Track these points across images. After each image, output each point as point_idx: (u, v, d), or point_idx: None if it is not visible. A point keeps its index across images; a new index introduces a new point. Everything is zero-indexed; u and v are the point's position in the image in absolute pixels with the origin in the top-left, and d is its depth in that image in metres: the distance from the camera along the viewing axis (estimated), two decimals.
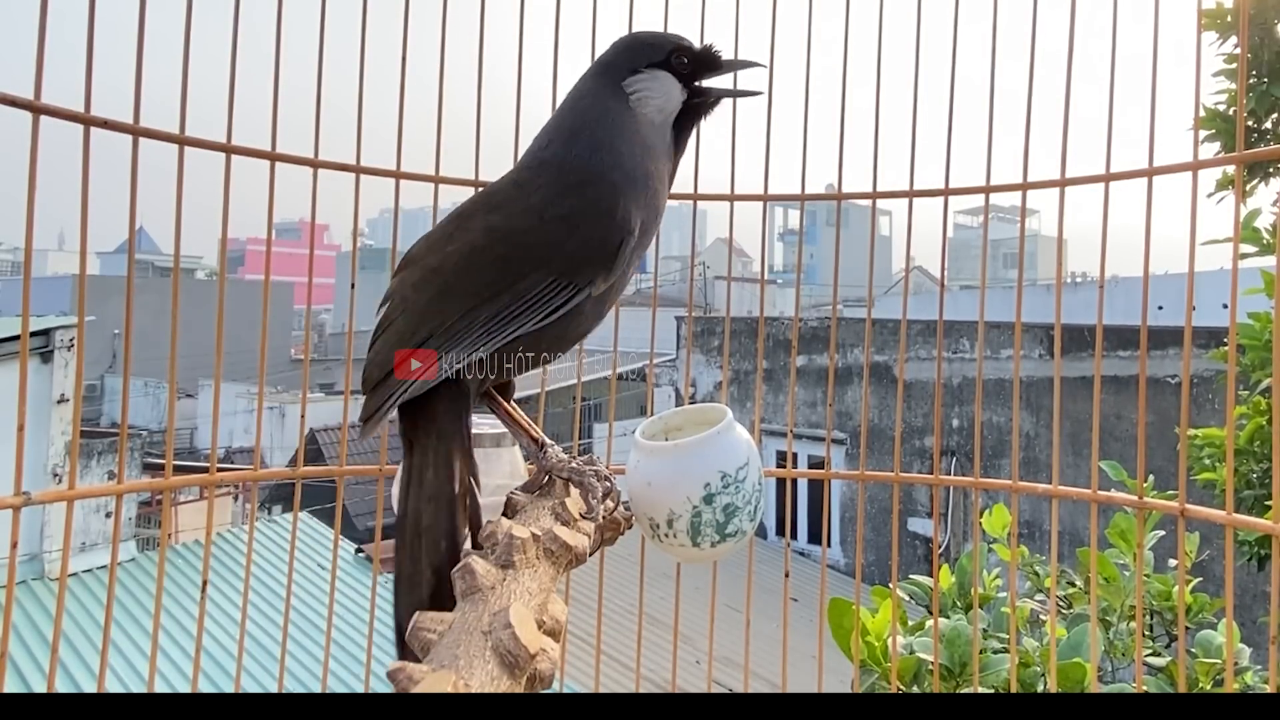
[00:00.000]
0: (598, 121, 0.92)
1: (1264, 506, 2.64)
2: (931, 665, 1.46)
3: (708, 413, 1.01)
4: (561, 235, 0.85)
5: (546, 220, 0.86)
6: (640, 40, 0.97)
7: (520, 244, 0.84)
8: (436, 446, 0.79)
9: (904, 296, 1.38)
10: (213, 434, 1.21)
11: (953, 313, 10.35)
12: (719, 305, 15.22)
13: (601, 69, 0.96)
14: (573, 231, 0.85)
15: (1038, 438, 7.78)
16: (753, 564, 1.29)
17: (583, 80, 0.97)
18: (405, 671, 0.52)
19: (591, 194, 0.87)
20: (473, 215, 0.89)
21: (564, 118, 0.95)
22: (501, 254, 0.84)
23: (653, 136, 0.94)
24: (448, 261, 0.84)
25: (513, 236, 0.85)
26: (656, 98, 0.94)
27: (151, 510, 8.02)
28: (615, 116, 0.92)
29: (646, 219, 0.90)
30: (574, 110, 0.94)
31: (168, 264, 1.44)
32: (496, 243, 0.84)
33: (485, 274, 0.83)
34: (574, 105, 0.95)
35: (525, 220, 0.86)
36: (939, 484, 1.35)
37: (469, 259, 0.84)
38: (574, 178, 0.88)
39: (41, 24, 0.98)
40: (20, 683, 4.41)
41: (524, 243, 0.84)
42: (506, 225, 0.86)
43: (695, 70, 0.96)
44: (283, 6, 1.16)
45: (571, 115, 0.94)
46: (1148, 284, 1.13)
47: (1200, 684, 1.69)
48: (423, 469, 0.78)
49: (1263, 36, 3.05)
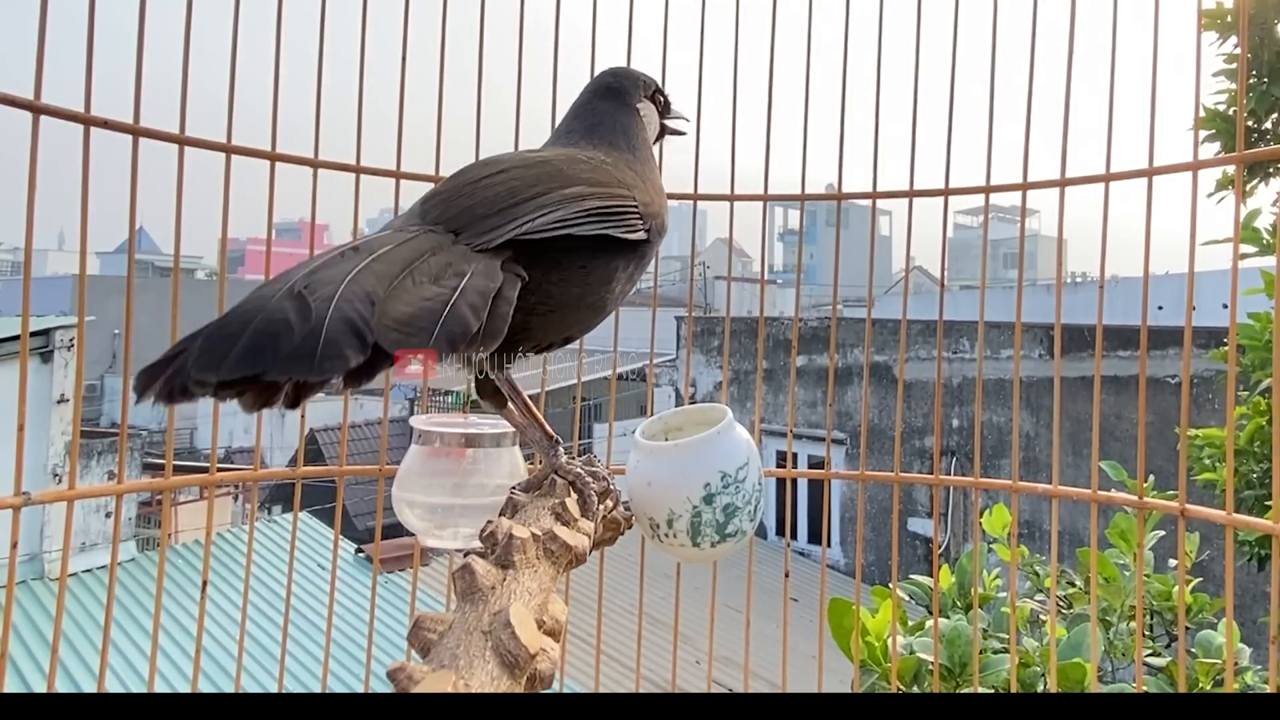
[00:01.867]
0: (630, 127, 1.00)
1: (1264, 507, 2.64)
2: (931, 665, 1.46)
3: (708, 413, 1.01)
4: (636, 181, 0.89)
5: (624, 169, 0.90)
6: (638, 75, 1.06)
7: (608, 170, 0.87)
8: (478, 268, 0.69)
9: (904, 296, 1.38)
10: (213, 434, 1.21)
11: (953, 313, 10.36)
12: (719, 305, 15.22)
13: (609, 92, 1.03)
14: (641, 185, 0.90)
15: (1038, 438, 7.78)
16: (753, 564, 1.29)
17: (597, 100, 1.02)
18: (405, 671, 0.52)
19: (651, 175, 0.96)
20: (543, 152, 0.90)
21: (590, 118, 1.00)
22: (596, 169, 0.86)
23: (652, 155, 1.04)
24: (551, 157, 0.85)
25: (601, 162, 0.88)
26: (651, 124, 1.05)
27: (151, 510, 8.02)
28: (639, 131, 1.01)
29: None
30: (598, 113, 1.00)
31: (168, 264, 1.44)
32: (589, 161, 0.87)
33: (586, 174, 0.83)
34: (595, 110, 1.01)
35: (611, 160, 0.90)
36: (939, 484, 1.35)
37: (570, 159, 0.85)
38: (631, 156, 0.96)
39: (41, 24, 0.98)
40: (20, 683, 4.41)
41: (611, 171, 0.88)
42: (596, 154, 0.90)
43: (664, 109, 1.09)
44: (283, 6, 1.16)
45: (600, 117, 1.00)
46: (1148, 284, 1.13)
47: (1200, 684, 1.69)
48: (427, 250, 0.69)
49: (1263, 36, 3.05)
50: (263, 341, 0.55)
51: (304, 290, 0.59)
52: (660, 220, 0.90)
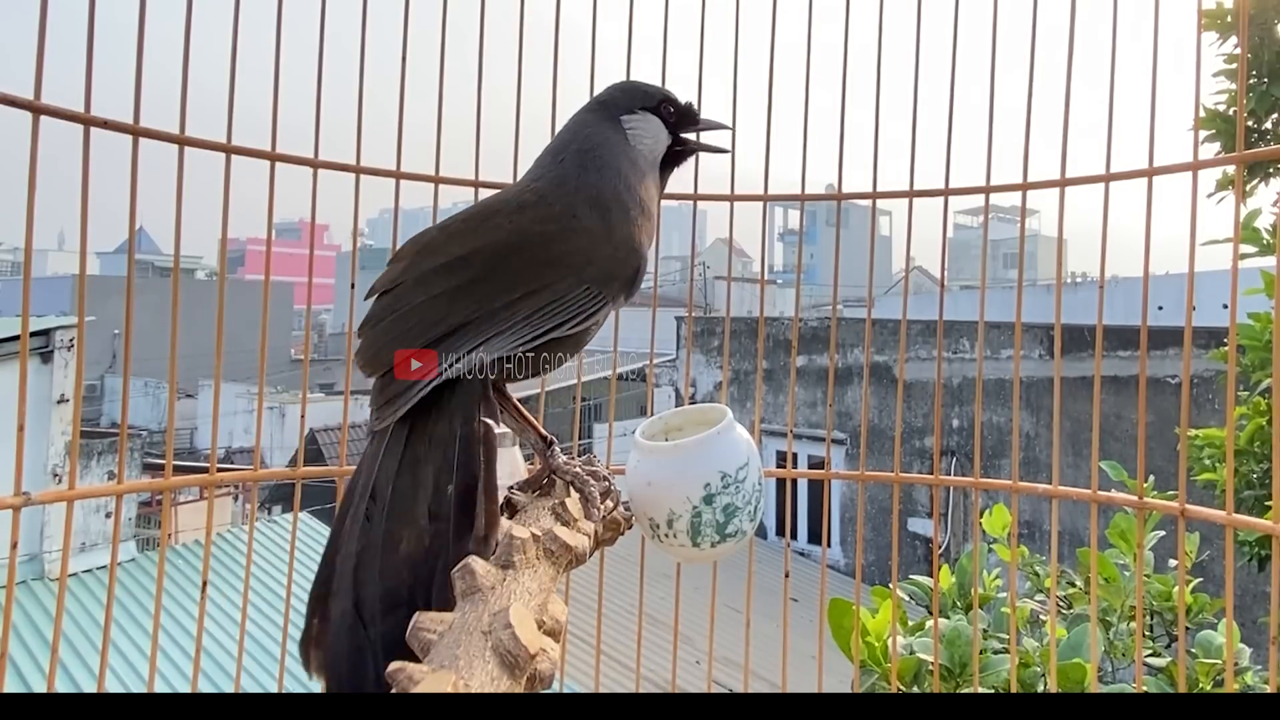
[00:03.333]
0: (604, 147, 0.97)
1: (1264, 507, 2.64)
2: (931, 665, 1.46)
3: (708, 413, 1.01)
4: (591, 248, 0.88)
5: (578, 232, 0.88)
6: (636, 86, 1.05)
7: (555, 249, 0.86)
8: (457, 431, 0.76)
9: (904, 296, 1.38)
10: (213, 434, 1.21)
11: (953, 313, 10.35)
12: (719, 305, 15.22)
13: (599, 105, 1.02)
14: (599, 247, 0.88)
15: (1038, 438, 7.78)
16: (753, 564, 1.29)
17: (582, 113, 1.02)
18: (405, 671, 0.52)
19: (616, 217, 0.91)
20: (495, 215, 0.89)
21: (570, 140, 0.98)
22: (538, 255, 0.85)
23: (647, 170, 1.00)
24: (480, 253, 0.84)
25: (547, 240, 0.86)
26: (648, 138, 1.02)
27: (151, 510, 8.03)
28: (617, 146, 0.98)
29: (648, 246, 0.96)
30: (579, 134, 0.98)
31: (168, 264, 1.44)
32: (531, 243, 0.85)
33: (523, 272, 0.83)
34: (578, 130, 0.99)
35: (557, 226, 0.88)
36: (939, 484, 1.35)
37: (503, 254, 0.84)
38: (596, 197, 0.92)
39: (41, 24, 0.98)
40: (20, 683, 4.41)
41: (559, 249, 0.86)
42: (540, 229, 0.87)
43: (679, 121, 1.05)
44: (283, 6, 1.16)
45: (578, 139, 0.98)
46: (1148, 284, 1.13)
47: (1200, 684, 1.69)
48: (422, 460, 0.75)
49: (1263, 36, 3.05)
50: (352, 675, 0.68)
51: (355, 611, 0.69)
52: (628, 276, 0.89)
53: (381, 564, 0.71)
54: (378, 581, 0.70)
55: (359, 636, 0.68)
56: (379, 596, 0.69)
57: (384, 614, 0.69)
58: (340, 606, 0.70)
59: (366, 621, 0.68)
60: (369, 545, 0.72)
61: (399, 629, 0.64)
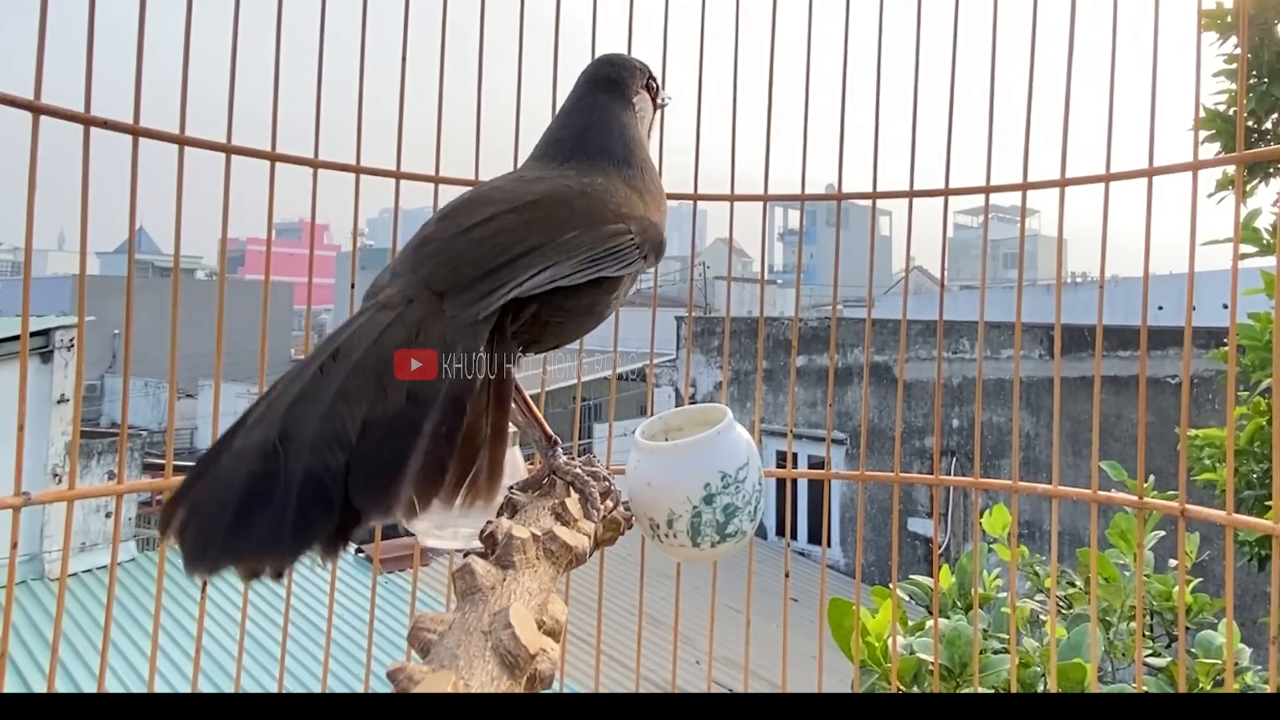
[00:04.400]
0: (625, 128, 0.97)
1: (1264, 507, 2.64)
2: (931, 665, 1.46)
3: (708, 413, 1.01)
4: (632, 202, 0.89)
5: (618, 188, 0.89)
6: (634, 64, 1.04)
7: (602, 199, 0.87)
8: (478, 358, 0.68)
9: (904, 296, 1.38)
10: (213, 434, 1.21)
11: (953, 313, 10.36)
12: (719, 305, 15.22)
13: (607, 84, 1.00)
14: (639, 204, 0.90)
15: (1038, 438, 7.78)
16: (753, 564, 1.29)
17: (588, 92, 1.00)
18: (405, 672, 0.52)
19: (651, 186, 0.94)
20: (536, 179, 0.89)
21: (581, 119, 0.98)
22: (589, 204, 0.85)
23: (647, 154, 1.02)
24: (551, 196, 0.85)
25: (594, 191, 0.87)
26: (647, 117, 1.03)
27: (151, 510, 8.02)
28: (635, 131, 0.99)
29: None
30: (591, 111, 0.98)
31: (168, 264, 1.44)
32: (582, 193, 0.86)
33: (579, 215, 0.83)
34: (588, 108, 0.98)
35: (603, 182, 0.89)
36: (939, 484, 1.35)
37: (562, 197, 0.85)
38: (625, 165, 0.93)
39: (41, 24, 0.98)
40: (20, 683, 4.41)
41: (605, 199, 0.87)
42: (588, 180, 0.88)
43: (656, 95, 1.06)
44: (283, 6, 1.16)
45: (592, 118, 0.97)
46: (1148, 284, 1.13)
47: (1200, 684, 1.69)
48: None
49: (1263, 36, 3.05)
50: (238, 527, 0.54)
51: (278, 442, 0.57)
52: (658, 239, 0.90)
53: (328, 408, 0.59)
54: (317, 421, 0.58)
55: (271, 462, 0.55)
56: (315, 432, 0.57)
57: (313, 450, 0.56)
58: (256, 436, 0.57)
59: (290, 454, 0.56)
60: (315, 390, 0.60)
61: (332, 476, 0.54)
